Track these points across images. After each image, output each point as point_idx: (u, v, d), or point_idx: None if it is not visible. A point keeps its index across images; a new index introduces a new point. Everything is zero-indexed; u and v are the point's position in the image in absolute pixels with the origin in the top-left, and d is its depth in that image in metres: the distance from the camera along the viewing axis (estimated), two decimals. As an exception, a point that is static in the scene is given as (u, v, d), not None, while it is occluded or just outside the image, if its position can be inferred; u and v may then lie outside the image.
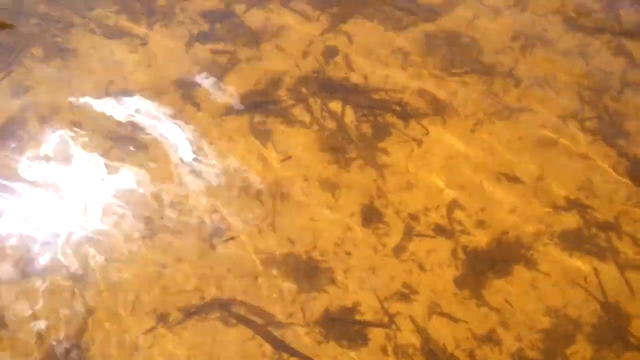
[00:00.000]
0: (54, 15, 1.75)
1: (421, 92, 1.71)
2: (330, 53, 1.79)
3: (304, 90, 1.70)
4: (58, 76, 1.64)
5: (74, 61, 1.67)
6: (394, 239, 1.42)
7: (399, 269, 1.37)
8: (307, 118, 1.63)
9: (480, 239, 1.42)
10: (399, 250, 1.40)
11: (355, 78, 1.74)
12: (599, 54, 1.80)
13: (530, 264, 1.39)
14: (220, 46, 1.75)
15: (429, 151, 1.58)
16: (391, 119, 1.65)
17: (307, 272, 1.36)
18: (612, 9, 1.92)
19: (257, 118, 1.62)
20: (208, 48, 1.74)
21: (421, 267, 1.38)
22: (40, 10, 1.76)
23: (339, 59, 1.78)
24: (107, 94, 1.61)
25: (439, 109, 1.67)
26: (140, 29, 1.75)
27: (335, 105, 1.67)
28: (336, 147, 1.58)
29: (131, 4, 1.81)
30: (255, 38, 1.78)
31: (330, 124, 1.63)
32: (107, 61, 1.67)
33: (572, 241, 1.42)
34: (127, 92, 1.62)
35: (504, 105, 1.68)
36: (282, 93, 1.69)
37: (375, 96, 1.71)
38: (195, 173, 1.50)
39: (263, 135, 1.59)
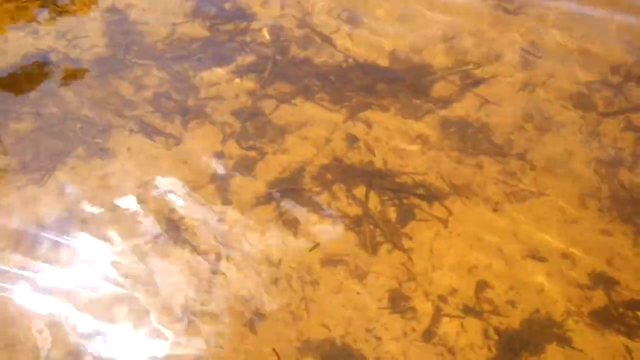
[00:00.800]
0: (95, 118, 1.89)
1: (441, 175, 1.79)
2: (351, 140, 1.90)
3: (328, 177, 1.79)
4: (98, 175, 1.75)
5: (112, 160, 1.78)
6: (423, 323, 1.44)
7: (430, 353, 1.38)
8: (332, 204, 1.71)
9: (512, 318, 1.43)
10: (429, 333, 1.42)
11: (377, 163, 1.82)
12: (610, 132, 1.88)
13: (564, 342, 1.40)
14: (250, 142, 1.86)
15: (453, 232, 1.63)
16: (415, 201, 1.72)
17: (342, 358, 1.37)
18: (620, 88, 2.02)
19: (285, 206, 1.70)
20: (239, 144, 1.85)
21: (451, 351, 1.39)
22: (84, 114, 1.90)
23: (360, 145, 1.88)
24: (144, 191, 1.71)
25: (460, 191, 1.74)
26: (175, 128, 1.88)
27: (359, 191, 1.75)
28: (363, 232, 1.65)
29: (165, 103, 1.95)
30: (281, 131, 1.90)
31: (356, 210, 1.70)
32: (144, 159, 1.79)
33: (602, 319, 1.43)
34: (163, 189, 1.72)
35: (523, 185, 1.74)
36: (307, 181, 1.77)
37: (397, 180, 1.78)
38: (229, 260, 1.56)
39: (291, 223, 1.66)
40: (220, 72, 2.06)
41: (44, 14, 2.19)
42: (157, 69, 2.05)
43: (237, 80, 2.04)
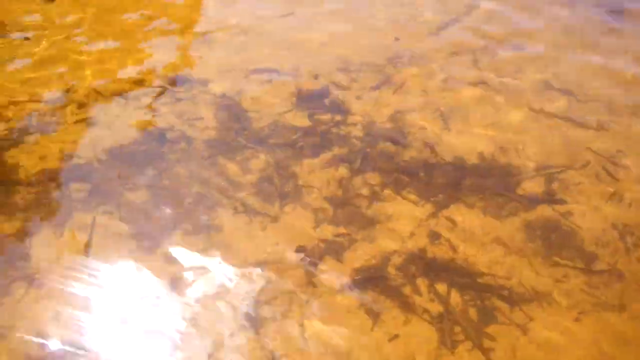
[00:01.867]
0: (204, 195, 2.11)
1: (523, 279, 1.83)
2: (435, 236, 1.99)
3: (412, 270, 1.88)
4: (202, 248, 1.94)
5: (217, 236, 1.97)
6: None
7: None
8: (415, 298, 1.79)
9: None
10: None
11: (459, 261, 1.90)
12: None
13: None
14: (340, 229, 2.00)
15: (534, 340, 1.66)
16: (496, 303, 1.77)
17: None
18: None
19: (368, 295, 1.80)
20: (329, 230, 2.00)
21: None
22: (194, 190, 2.13)
23: (444, 241, 1.97)
24: (242, 267, 1.88)
25: (541, 297, 1.78)
26: (273, 210, 2.06)
27: (442, 287, 1.83)
28: (443, 328, 1.71)
29: (267, 187, 2.14)
30: (370, 221, 2.03)
31: (437, 305, 1.77)
32: (244, 238, 1.96)
33: None
34: (255, 267, 1.87)
35: (607, 298, 1.75)
36: (392, 272, 1.87)
37: (479, 280, 1.85)
38: (311, 344, 1.66)
39: (373, 313, 1.76)
40: (317, 160, 2.25)
41: (166, 97, 2.50)
42: (262, 154, 2.27)
43: (332, 169, 2.22)
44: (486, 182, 2.20)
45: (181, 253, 1.90)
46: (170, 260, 1.89)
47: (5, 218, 2.00)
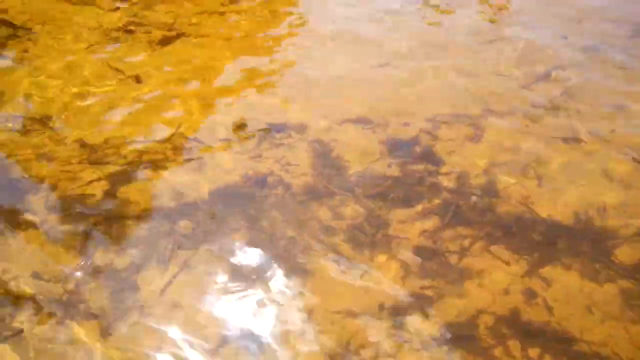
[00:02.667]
0: (297, 239, 2.20)
1: (619, 350, 1.76)
2: (529, 296, 1.96)
3: (503, 330, 1.85)
4: (295, 293, 2.02)
5: (310, 281, 2.05)
6: None
7: None
8: (506, 360, 1.76)
9: None
10: None
11: (554, 324, 1.85)
12: None
13: None
14: (428, 282, 2.02)
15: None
16: (592, 374, 1.71)
17: None
18: None
19: (457, 353, 1.80)
20: (418, 282, 2.02)
21: None
22: (288, 234, 2.23)
23: (538, 302, 1.93)
24: (330, 314, 1.93)
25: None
26: (363, 259, 2.12)
27: (535, 352, 1.78)
28: (536, 396, 1.67)
29: (357, 235, 2.21)
30: (460, 275, 2.03)
31: (530, 371, 1.74)
32: (333, 286, 2.03)
33: None
34: (344, 315, 1.93)
35: None
36: (482, 330, 1.86)
37: (574, 347, 1.79)
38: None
39: (463, 371, 1.75)
40: (407, 211, 2.29)
41: (266, 142, 2.65)
42: (354, 201, 2.34)
43: (422, 220, 2.25)
44: (582, 243, 2.14)
45: (274, 295, 2.00)
46: (264, 301, 1.99)
47: (117, 252, 2.19)
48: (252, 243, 2.20)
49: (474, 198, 2.33)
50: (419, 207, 2.30)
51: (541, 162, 2.49)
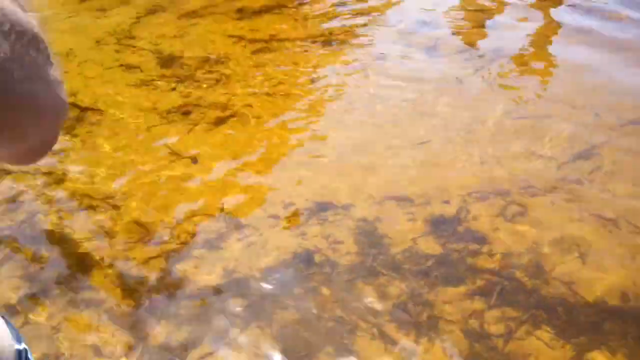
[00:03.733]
0: (344, 319, 2.28)
1: None
2: (576, 382, 1.96)
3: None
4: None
5: (357, 362, 2.12)
6: None
7: None
8: None
9: None
10: None
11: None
12: None
13: None
14: None
15: None
16: None
17: None
18: None
19: None
20: None
21: None
22: (336, 314, 2.31)
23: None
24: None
25: None
26: (408, 341, 2.17)
27: None
28: None
29: (401, 315, 2.27)
30: (506, 358, 2.06)
31: None
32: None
33: None
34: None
35: None
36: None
37: None
38: None
39: None
40: (451, 291, 2.34)
41: (313, 220, 2.78)
42: (397, 280, 2.42)
43: (467, 301, 2.30)
44: (629, 325, 2.14)
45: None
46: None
47: (172, 329, 2.32)
48: (299, 322, 2.29)
49: (518, 278, 2.37)
50: (463, 288, 2.35)
51: (585, 241, 2.52)
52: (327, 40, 4.54)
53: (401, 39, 4.48)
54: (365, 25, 4.78)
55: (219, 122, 3.49)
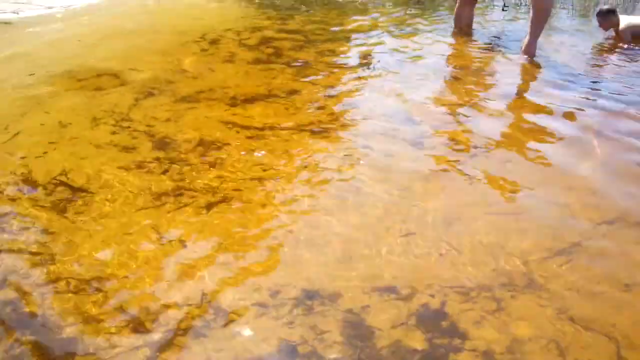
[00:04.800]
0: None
1: None
2: None
3: None
4: None
5: None
6: None
7: None
8: None
9: None
10: None
11: None
12: None
13: None
14: None
15: None
16: None
17: None
18: None
19: None
20: None
21: None
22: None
23: None
24: None
25: None
26: None
27: None
28: None
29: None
30: None
31: None
32: None
33: None
34: None
35: None
36: None
37: None
38: None
39: None
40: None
41: (299, 309, 2.79)
42: (383, 376, 2.42)
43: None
44: None
45: None
46: None
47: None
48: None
49: (501, 376, 2.39)
50: (448, 385, 2.36)
51: (565, 339, 2.57)
52: (316, 129, 4.74)
53: (387, 131, 4.70)
54: (353, 116, 5.02)
55: (210, 206, 3.56)
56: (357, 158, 4.21)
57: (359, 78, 6.12)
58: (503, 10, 7.98)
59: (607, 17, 7.55)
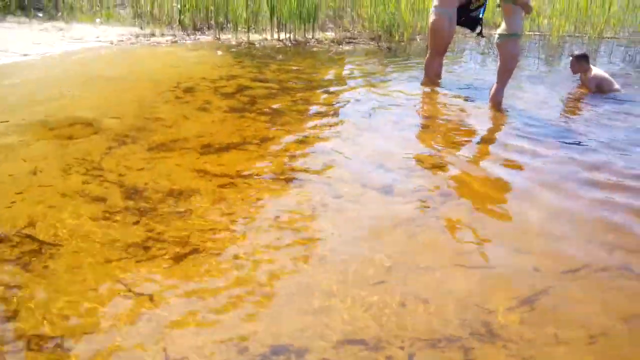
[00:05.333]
0: None
1: None
2: None
3: None
4: None
5: None
6: None
7: None
8: None
9: None
10: None
11: None
12: None
13: None
14: None
15: None
16: None
17: None
18: None
19: None
20: None
21: None
22: None
23: None
24: None
25: None
26: None
27: None
28: None
29: None
30: None
31: None
32: None
33: None
34: None
35: None
36: None
37: None
38: None
39: None
40: None
41: (267, 365, 2.76)
42: None
43: None
44: None
45: None
46: None
47: None
48: None
49: None
50: None
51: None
52: (288, 177, 4.79)
53: (358, 179, 4.78)
54: (325, 164, 5.10)
55: (180, 258, 3.55)
56: (328, 207, 4.26)
57: (331, 126, 6.25)
58: (478, 35, 8.18)
59: (580, 62, 7.88)
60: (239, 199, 4.37)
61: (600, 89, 7.74)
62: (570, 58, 8.08)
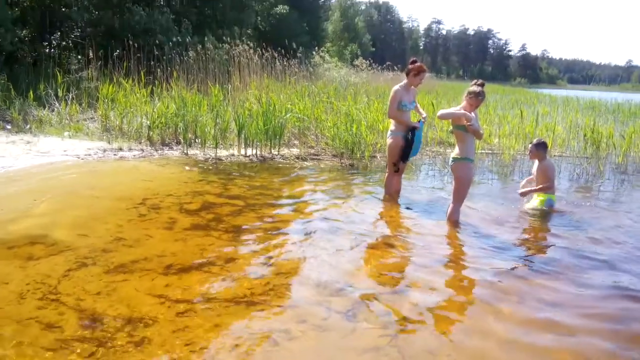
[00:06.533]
0: None
1: None
2: None
3: None
4: None
5: None
6: None
7: None
8: None
9: None
10: None
11: None
12: None
13: None
14: None
15: None
16: None
17: None
18: None
19: None
20: None
21: None
22: None
23: None
24: None
25: None
26: None
27: None
28: None
29: None
30: None
31: None
32: None
33: None
34: None
35: None
36: None
37: None
38: None
39: None
40: None
41: None
42: None
43: None
44: None
45: None
46: None
47: None
48: None
49: None
50: None
51: None
52: (250, 301, 4.78)
53: (321, 302, 4.80)
54: (288, 286, 5.12)
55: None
56: (290, 334, 4.23)
57: (295, 243, 6.34)
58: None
59: (539, 149, 8.41)
60: (197, 325, 4.30)
61: (548, 179, 8.21)
62: (530, 145, 8.65)
